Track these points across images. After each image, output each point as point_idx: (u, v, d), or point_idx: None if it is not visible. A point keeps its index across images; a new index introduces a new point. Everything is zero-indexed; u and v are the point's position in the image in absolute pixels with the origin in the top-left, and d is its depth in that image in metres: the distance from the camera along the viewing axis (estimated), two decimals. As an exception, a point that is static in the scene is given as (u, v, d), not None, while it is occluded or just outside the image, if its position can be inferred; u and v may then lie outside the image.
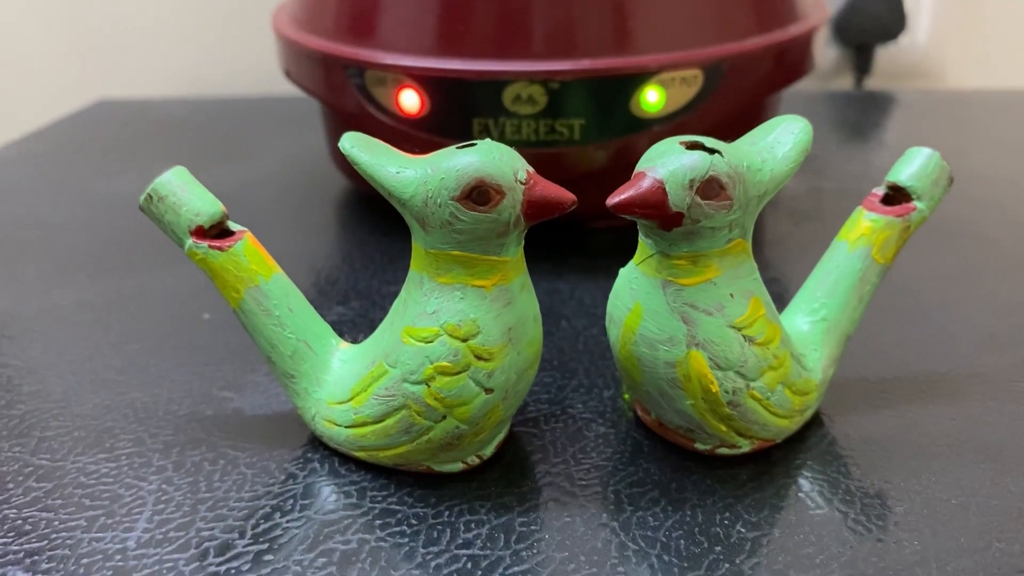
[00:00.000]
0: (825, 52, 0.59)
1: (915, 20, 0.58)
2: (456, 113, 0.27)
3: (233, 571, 0.16)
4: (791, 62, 0.29)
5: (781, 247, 0.29)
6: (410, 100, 0.27)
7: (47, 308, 0.26)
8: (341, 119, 0.31)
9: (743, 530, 0.16)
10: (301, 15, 0.31)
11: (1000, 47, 0.60)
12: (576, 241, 0.29)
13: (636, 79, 0.26)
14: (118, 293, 0.27)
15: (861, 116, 0.47)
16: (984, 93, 0.52)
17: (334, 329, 0.19)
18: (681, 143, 0.16)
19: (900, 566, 0.15)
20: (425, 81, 0.26)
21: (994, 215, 0.31)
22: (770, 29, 0.28)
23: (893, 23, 0.57)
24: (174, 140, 0.43)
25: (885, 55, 0.59)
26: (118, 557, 0.16)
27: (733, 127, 0.28)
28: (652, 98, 0.26)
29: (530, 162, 0.27)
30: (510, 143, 0.26)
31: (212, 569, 0.16)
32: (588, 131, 0.26)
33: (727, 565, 0.15)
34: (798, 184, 0.35)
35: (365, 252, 0.29)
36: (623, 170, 0.25)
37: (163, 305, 0.26)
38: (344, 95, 0.29)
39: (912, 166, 0.20)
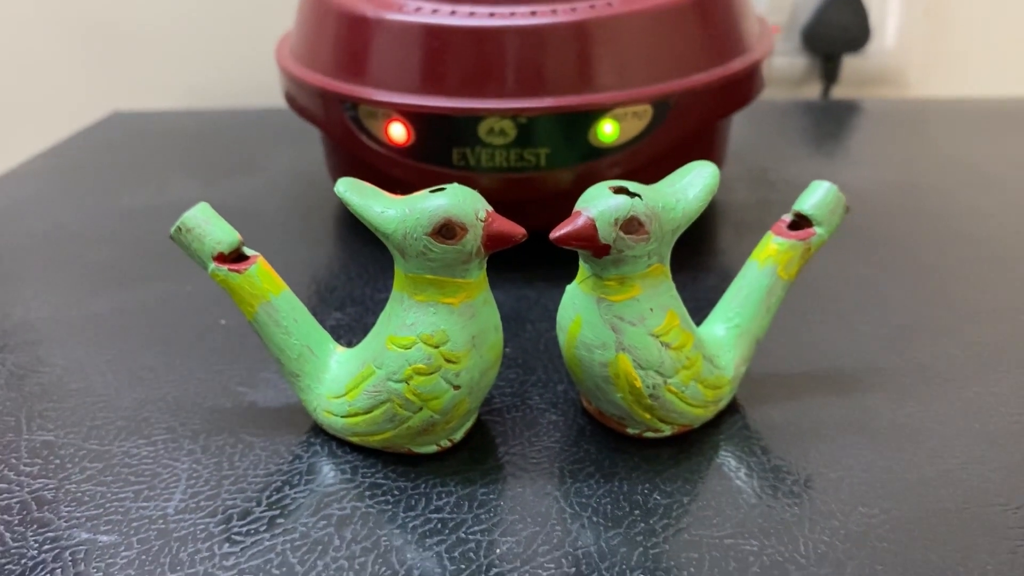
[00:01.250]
0: (794, 61, 0.63)
1: (880, 30, 0.62)
2: (438, 143, 0.31)
3: (252, 531, 0.20)
4: (735, 93, 0.33)
5: (728, 256, 0.33)
6: (398, 131, 0.31)
7: (85, 315, 0.30)
8: (337, 144, 0.35)
9: (658, 498, 0.20)
10: (301, 51, 0.35)
11: (962, 56, 0.64)
12: (543, 253, 0.33)
13: (593, 114, 0.30)
14: (145, 301, 0.31)
15: (820, 126, 0.50)
16: (941, 102, 0.56)
17: (333, 333, 0.23)
18: (610, 188, 0.20)
19: (780, 526, 0.19)
20: (411, 115, 0.30)
21: (920, 224, 0.35)
22: (715, 65, 0.32)
23: (859, 34, 0.61)
24: (185, 152, 0.47)
25: (852, 63, 0.63)
26: (160, 521, 0.20)
27: (681, 152, 0.32)
28: (608, 130, 0.30)
29: (501, 186, 0.31)
30: (485, 169, 0.30)
31: (236, 530, 0.20)
32: (552, 159, 0.30)
33: (642, 524, 0.20)
34: (747, 196, 0.39)
35: (359, 262, 0.33)
36: (583, 191, 0.29)
37: (185, 312, 0.30)
38: (340, 125, 0.32)
39: (814, 197, 0.23)
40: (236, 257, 0.22)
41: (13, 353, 0.27)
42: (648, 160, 0.31)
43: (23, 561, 0.19)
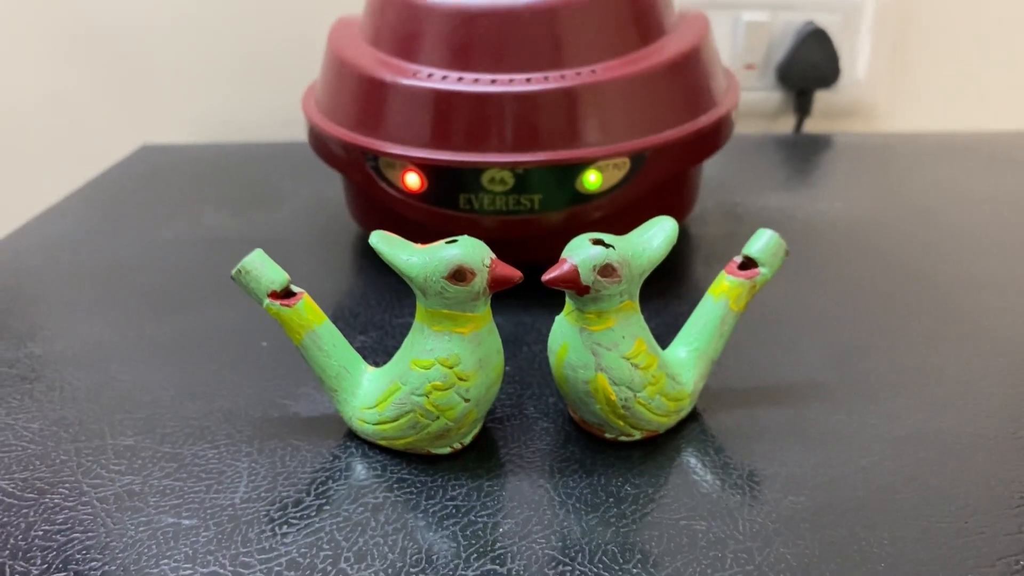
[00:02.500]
0: (770, 95, 0.68)
1: (851, 66, 0.67)
2: (447, 190, 0.36)
3: (304, 516, 0.25)
4: (704, 144, 0.38)
5: (697, 285, 0.38)
6: (413, 180, 0.36)
7: (143, 337, 0.35)
8: (357, 188, 0.40)
9: (629, 489, 0.25)
10: (326, 105, 0.40)
11: (927, 90, 0.69)
12: (537, 285, 0.38)
13: (580, 166, 0.35)
14: (194, 325, 0.36)
15: (789, 161, 0.56)
16: (906, 136, 0.61)
17: (358, 353, 0.28)
18: (590, 239, 0.25)
19: (724, 510, 0.24)
20: (424, 166, 0.35)
21: (870, 256, 0.40)
22: (685, 121, 0.37)
23: (829, 71, 0.66)
24: (214, 185, 0.52)
25: (824, 98, 0.68)
26: (230, 509, 0.25)
27: (656, 196, 0.37)
28: (592, 179, 0.35)
29: (501, 226, 0.36)
30: (487, 212, 0.36)
31: (291, 515, 0.25)
32: (545, 203, 0.35)
33: (615, 510, 0.25)
34: (717, 230, 0.44)
35: (378, 291, 0.38)
36: (571, 231, 0.34)
37: (230, 335, 0.35)
38: (362, 173, 0.38)
39: (759, 243, 0.29)
40: (285, 293, 0.27)
41: (89, 370, 0.32)
42: (627, 204, 0.36)
43: (124, 539, 0.24)
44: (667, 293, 0.37)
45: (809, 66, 0.66)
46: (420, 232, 0.37)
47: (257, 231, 0.45)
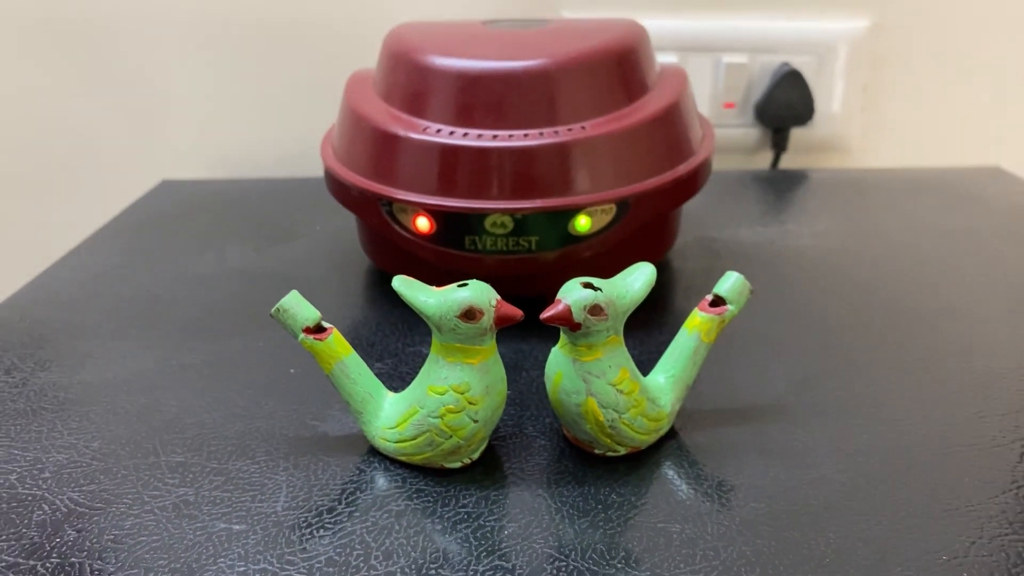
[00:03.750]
0: (748, 132, 0.73)
1: (824, 105, 0.72)
2: (454, 232, 0.40)
3: (338, 521, 0.29)
4: (683, 190, 0.43)
5: (678, 316, 0.43)
6: (423, 223, 0.40)
7: (182, 365, 0.39)
8: (372, 229, 0.44)
9: (615, 497, 0.30)
10: (343, 153, 0.45)
11: (895, 129, 0.74)
12: (535, 317, 0.42)
13: (571, 212, 0.39)
14: (227, 353, 0.40)
15: (766, 196, 0.60)
16: (876, 172, 0.66)
17: (380, 381, 0.33)
18: (581, 283, 0.30)
19: (696, 515, 0.29)
20: (433, 212, 0.40)
21: (837, 287, 0.45)
22: (666, 170, 0.42)
23: (803, 110, 0.71)
24: (234, 220, 0.57)
25: (799, 134, 0.73)
26: (273, 516, 0.29)
27: (640, 236, 0.42)
28: (582, 223, 0.40)
29: (502, 264, 0.40)
30: (489, 252, 0.40)
31: (327, 520, 0.29)
32: (541, 244, 0.40)
33: (603, 515, 0.29)
34: (696, 264, 0.48)
35: (391, 321, 0.43)
36: (564, 268, 0.39)
37: (260, 362, 0.39)
38: (376, 216, 0.42)
39: (727, 283, 0.33)
40: (317, 328, 0.31)
41: (137, 396, 0.37)
42: (614, 244, 0.41)
43: (184, 542, 0.28)
44: (650, 324, 0.42)
45: (785, 105, 0.71)
46: (429, 269, 0.41)
47: (278, 265, 0.50)
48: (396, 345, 0.40)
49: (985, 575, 0.26)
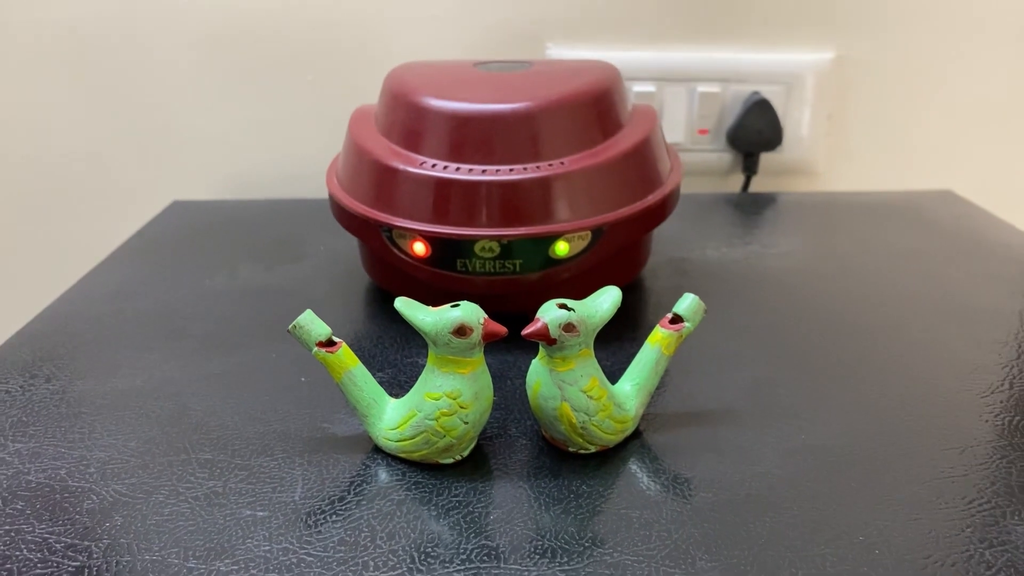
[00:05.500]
0: (721, 156, 0.78)
1: (792, 132, 0.77)
2: (447, 256, 0.45)
3: (348, 508, 0.34)
4: (652, 218, 0.48)
5: (647, 330, 0.48)
6: (419, 247, 0.45)
7: (204, 374, 0.44)
8: (373, 251, 0.49)
9: (585, 488, 0.35)
10: (347, 183, 0.50)
11: (858, 154, 0.79)
12: (518, 333, 0.47)
13: (551, 238, 0.44)
14: (244, 363, 0.45)
15: (735, 219, 0.65)
16: (837, 195, 0.71)
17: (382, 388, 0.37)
18: (556, 304, 0.35)
19: (654, 503, 0.34)
20: (429, 237, 0.45)
21: (785, 305, 0.50)
22: (636, 200, 0.47)
23: (772, 136, 0.76)
24: (243, 239, 0.62)
25: (769, 159, 0.78)
26: (291, 504, 0.34)
27: (613, 259, 0.47)
28: (562, 247, 0.45)
29: (489, 284, 0.45)
30: (478, 273, 0.45)
31: (337, 508, 0.34)
32: (524, 266, 0.45)
33: (575, 503, 0.34)
34: (666, 283, 0.53)
35: (390, 335, 0.48)
36: (545, 288, 0.44)
37: (274, 372, 0.44)
38: (377, 240, 0.47)
39: (684, 303, 0.38)
40: (328, 343, 0.36)
41: (166, 401, 0.41)
42: (590, 266, 0.46)
43: (216, 525, 0.33)
44: (623, 337, 0.47)
45: (755, 131, 0.76)
46: (424, 288, 0.46)
47: (286, 282, 0.55)
48: (395, 356, 0.45)
49: (894, 551, 0.31)
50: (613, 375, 0.40)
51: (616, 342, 0.46)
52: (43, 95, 0.73)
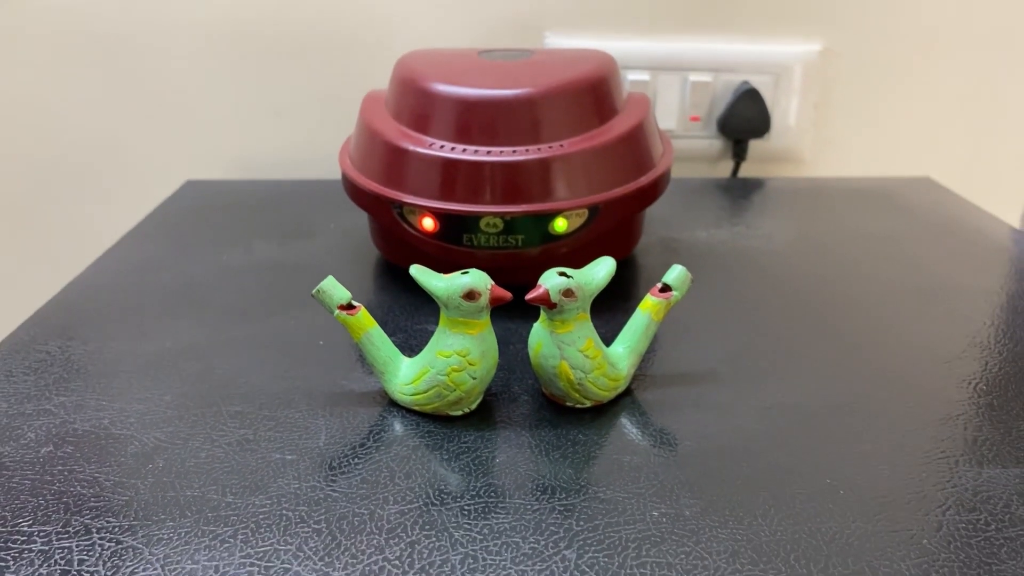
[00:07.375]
0: (712, 143, 0.81)
1: (780, 120, 0.81)
2: (453, 231, 0.49)
3: (368, 453, 0.37)
4: (645, 197, 0.51)
5: (638, 302, 0.51)
6: (428, 223, 0.49)
7: (229, 339, 0.47)
8: (384, 227, 0.52)
9: (581, 437, 0.38)
10: (359, 162, 0.53)
11: (843, 142, 0.83)
12: (522, 300, 0.51)
13: (551, 215, 0.48)
14: (266, 330, 0.48)
15: (723, 202, 0.69)
16: (821, 180, 0.75)
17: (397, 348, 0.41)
18: (557, 272, 0.38)
19: (643, 449, 0.37)
20: (437, 213, 0.48)
21: (766, 282, 0.54)
22: (630, 180, 0.50)
23: (761, 124, 0.80)
24: (256, 217, 0.65)
25: (757, 146, 0.82)
26: (316, 450, 0.38)
27: (609, 235, 0.50)
28: (560, 224, 0.48)
29: (493, 258, 0.49)
30: (483, 247, 0.48)
31: (359, 452, 0.37)
32: (526, 241, 0.48)
33: (571, 449, 0.37)
34: (656, 260, 0.57)
35: (400, 304, 0.51)
36: (545, 262, 0.47)
37: (294, 337, 0.47)
38: (388, 216, 0.50)
39: (673, 274, 0.42)
40: (349, 306, 0.40)
41: (195, 362, 0.45)
42: (587, 242, 0.50)
43: (249, 467, 0.36)
44: (616, 307, 0.51)
45: (744, 119, 0.79)
46: (432, 261, 0.50)
47: (299, 257, 0.58)
48: (405, 323, 0.49)
49: (857, 491, 0.35)
50: (607, 339, 0.44)
51: (610, 312, 0.50)
52: (62, 84, 0.76)
